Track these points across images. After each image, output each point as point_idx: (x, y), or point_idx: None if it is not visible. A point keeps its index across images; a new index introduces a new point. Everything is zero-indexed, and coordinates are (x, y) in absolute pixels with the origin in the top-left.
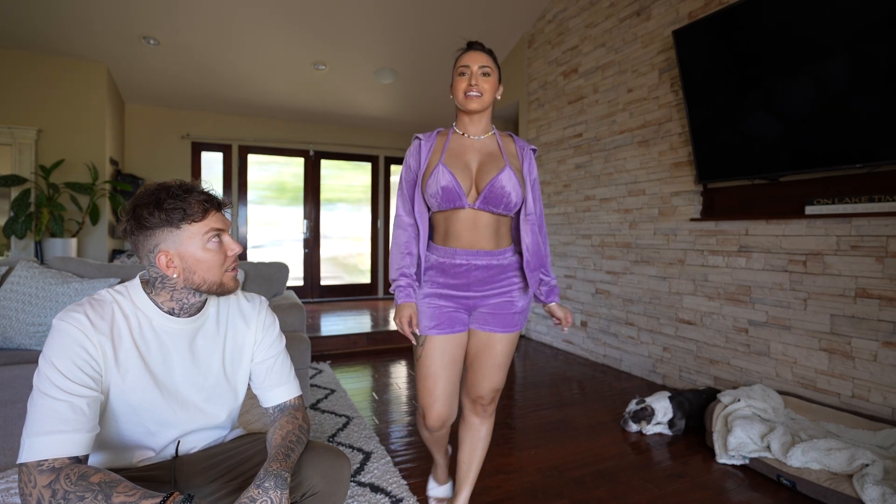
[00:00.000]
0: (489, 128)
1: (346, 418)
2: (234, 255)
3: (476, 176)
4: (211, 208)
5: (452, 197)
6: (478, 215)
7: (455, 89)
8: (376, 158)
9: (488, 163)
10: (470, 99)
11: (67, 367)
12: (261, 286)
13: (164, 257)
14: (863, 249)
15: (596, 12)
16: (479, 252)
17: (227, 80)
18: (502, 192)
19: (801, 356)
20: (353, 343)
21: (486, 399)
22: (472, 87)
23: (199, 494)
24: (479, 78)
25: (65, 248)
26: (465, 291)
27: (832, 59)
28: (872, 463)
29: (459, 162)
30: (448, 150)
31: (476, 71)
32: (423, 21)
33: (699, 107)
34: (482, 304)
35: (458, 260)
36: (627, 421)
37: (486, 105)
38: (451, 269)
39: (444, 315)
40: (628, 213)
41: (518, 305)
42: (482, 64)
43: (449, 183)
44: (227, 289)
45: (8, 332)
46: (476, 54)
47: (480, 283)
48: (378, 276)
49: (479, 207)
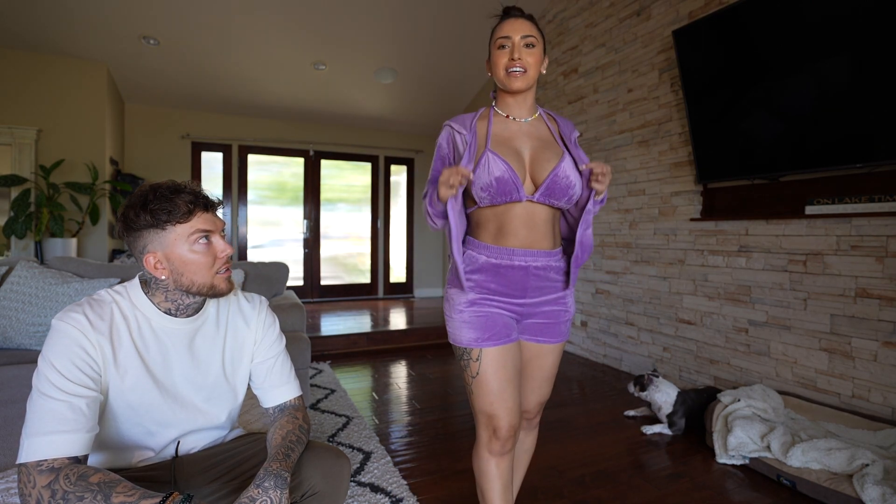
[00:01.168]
0: (535, 108)
1: (346, 418)
2: (225, 256)
3: (530, 165)
4: (197, 208)
5: (509, 189)
6: (535, 210)
7: (494, 65)
8: (376, 158)
9: (543, 149)
10: (513, 76)
11: (66, 368)
12: (261, 286)
13: (151, 259)
14: (863, 249)
15: (596, 12)
16: (537, 252)
17: (227, 80)
18: (567, 183)
19: (801, 356)
20: (353, 343)
21: (533, 412)
22: (514, 63)
23: (198, 494)
24: (522, 50)
25: (65, 248)
26: (519, 298)
27: (832, 59)
28: (872, 463)
29: (509, 149)
30: (494, 136)
31: (518, 42)
32: (423, 21)
33: (699, 107)
34: (535, 312)
35: (517, 261)
36: (630, 385)
37: (532, 82)
38: (507, 271)
39: (498, 322)
40: (628, 213)
41: (571, 312)
42: (525, 34)
43: (504, 173)
44: (218, 291)
45: (8, 332)
46: (517, 22)
47: (536, 290)
48: (378, 276)
49: (539, 200)
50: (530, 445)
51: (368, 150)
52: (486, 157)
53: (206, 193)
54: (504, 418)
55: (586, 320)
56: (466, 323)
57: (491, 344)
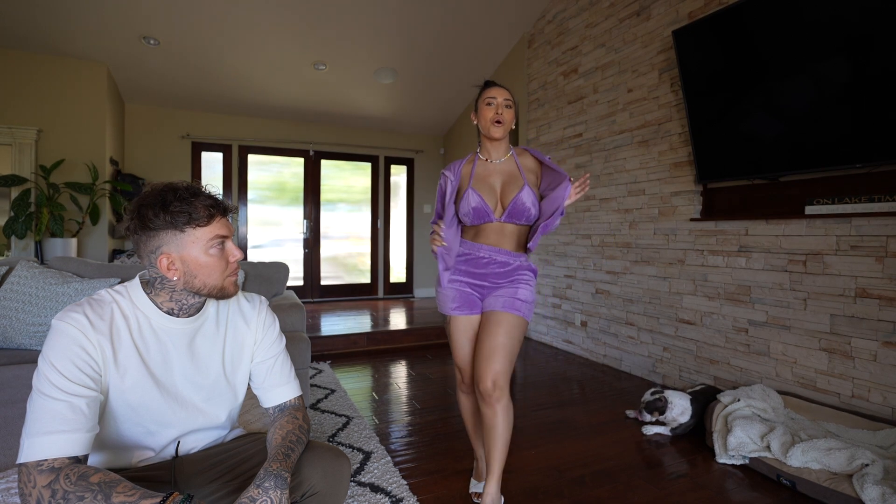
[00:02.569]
0: (508, 150)
1: (346, 418)
2: (237, 261)
3: (501, 195)
4: (217, 213)
5: (482, 214)
6: (503, 226)
7: (481, 117)
8: (376, 158)
9: (510, 183)
10: (496, 127)
11: (67, 368)
12: (261, 286)
13: (165, 259)
14: (863, 249)
15: (596, 12)
16: (501, 250)
17: (227, 80)
18: (524, 208)
19: (800, 356)
20: (353, 343)
21: (488, 384)
22: (498, 116)
23: (198, 494)
24: (503, 109)
25: (65, 248)
26: (482, 280)
27: (832, 59)
28: (872, 463)
29: (485, 185)
30: (475, 176)
31: (501, 102)
32: (423, 21)
33: (699, 107)
34: (493, 292)
35: (483, 253)
36: (642, 412)
37: (507, 133)
38: (475, 260)
39: (465, 298)
40: (628, 213)
41: (521, 294)
42: (506, 97)
43: (478, 204)
44: (227, 293)
45: (8, 332)
46: (500, 89)
47: (495, 276)
48: (378, 276)
49: (505, 220)
50: (500, 422)
51: (368, 150)
52: (468, 193)
53: (223, 199)
54: (465, 368)
55: (586, 320)
56: (448, 296)
57: (458, 312)
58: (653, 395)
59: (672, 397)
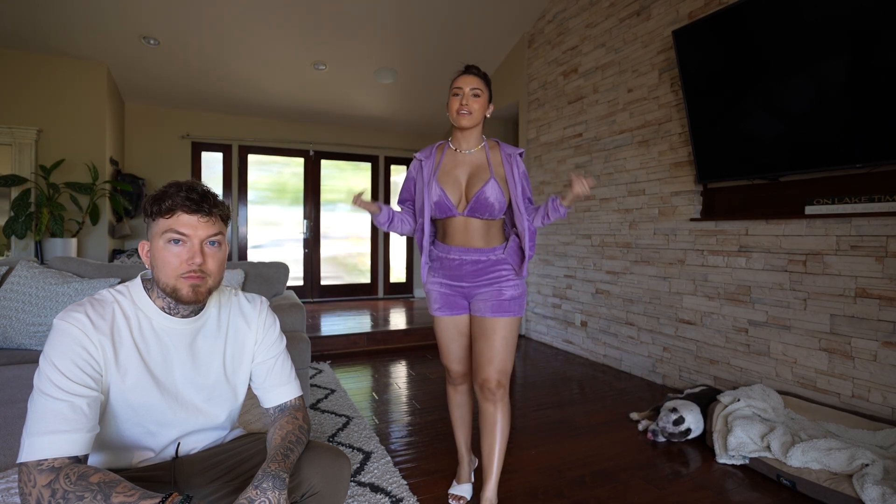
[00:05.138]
0: (479, 141)
1: (346, 418)
2: (193, 263)
3: (465, 188)
4: (179, 209)
5: (444, 209)
6: (468, 221)
7: (450, 108)
8: (376, 158)
9: (475, 175)
10: (461, 117)
11: (68, 367)
12: (261, 286)
13: (145, 246)
14: (863, 249)
15: (596, 12)
16: (470, 249)
17: (227, 80)
18: (486, 202)
19: (800, 356)
20: (353, 343)
21: (492, 382)
22: (463, 107)
23: (198, 495)
24: (469, 98)
25: (65, 248)
26: (458, 281)
27: (832, 59)
28: (872, 463)
29: (450, 177)
30: (441, 167)
31: (468, 92)
32: (423, 21)
33: (699, 107)
34: (475, 293)
35: (452, 255)
36: (657, 434)
37: (476, 122)
38: (447, 262)
39: (445, 299)
40: (628, 213)
41: (507, 294)
42: (473, 86)
43: (439, 198)
44: (179, 296)
45: (8, 332)
46: (469, 77)
47: (471, 276)
48: (378, 276)
49: (468, 215)
50: (497, 420)
51: (368, 150)
52: (431, 185)
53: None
54: (450, 366)
55: (586, 320)
56: (432, 297)
57: (440, 313)
58: (675, 424)
59: (686, 414)
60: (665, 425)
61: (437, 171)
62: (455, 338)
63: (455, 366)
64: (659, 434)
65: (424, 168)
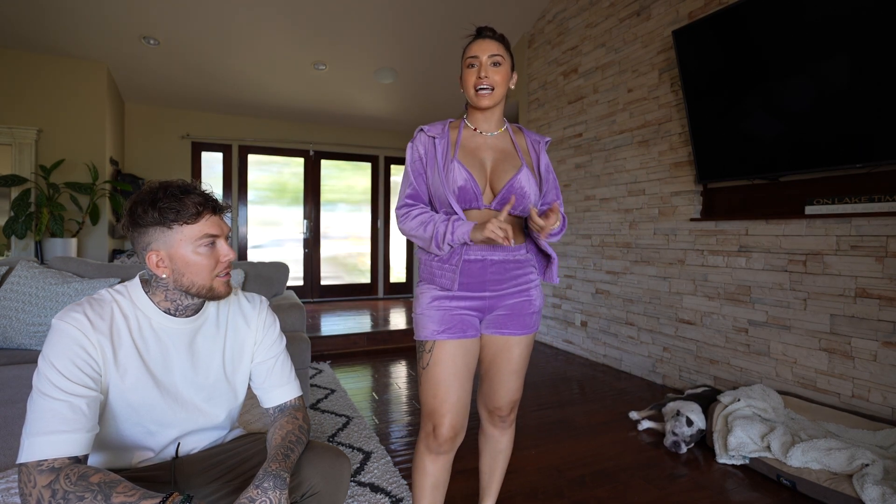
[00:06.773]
0: (502, 122)
1: (346, 418)
2: (227, 261)
3: (491, 175)
4: (206, 211)
5: (469, 197)
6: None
7: (465, 83)
8: (376, 158)
9: (504, 161)
10: (481, 95)
11: (67, 367)
12: (261, 286)
13: (154, 257)
14: (863, 249)
15: (596, 12)
16: (494, 247)
17: (227, 80)
18: (522, 194)
19: (800, 356)
20: (353, 343)
21: (505, 410)
22: (482, 81)
23: (198, 495)
24: (489, 69)
25: (65, 248)
26: (479, 292)
27: (832, 59)
28: (872, 463)
29: (474, 160)
30: (462, 146)
31: (486, 61)
32: (423, 21)
33: (699, 107)
34: (498, 305)
35: (472, 255)
36: (679, 445)
37: (499, 99)
38: (464, 267)
39: (454, 318)
40: (628, 213)
41: (536, 304)
42: (492, 52)
43: (466, 182)
44: (216, 294)
45: (8, 332)
46: (486, 42)
47: (496, 283)
48: (378, 276)
49: (496, 208)
50: (506, 446)
51: (368, 150)
52: (452, 166)
53: (216, 197)
54: (445, 415)
55: (586, 320)
56: (428, 317)
57: (445, 337)
58: (690, 428)
59: (691, 415)
60: (681, 431)
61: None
62: (460, 373)
63: (450, 419)
64: (682, 444)
65: (438, 147)
